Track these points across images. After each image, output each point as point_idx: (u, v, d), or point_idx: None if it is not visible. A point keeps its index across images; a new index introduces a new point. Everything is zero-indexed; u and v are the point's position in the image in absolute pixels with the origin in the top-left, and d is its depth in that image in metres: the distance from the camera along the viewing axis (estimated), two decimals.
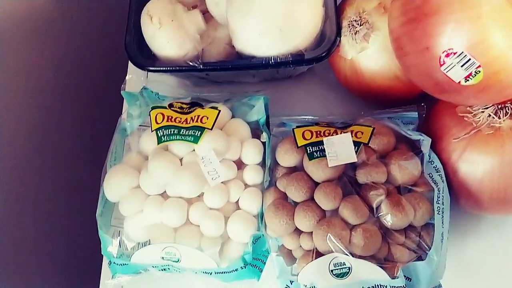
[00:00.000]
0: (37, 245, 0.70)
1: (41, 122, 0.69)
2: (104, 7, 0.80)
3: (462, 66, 0.40)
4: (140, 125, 0.57)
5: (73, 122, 0.75)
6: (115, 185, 0.53)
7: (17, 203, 0.65)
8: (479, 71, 0.40)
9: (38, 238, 0.69)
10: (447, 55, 0.40)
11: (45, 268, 0.72)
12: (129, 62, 0.63)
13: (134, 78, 0.60)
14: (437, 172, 0.49)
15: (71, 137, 0.75)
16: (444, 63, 0.40)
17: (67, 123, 0.74)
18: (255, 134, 0.55)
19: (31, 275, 0.69)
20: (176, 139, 0.51)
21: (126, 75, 0.63)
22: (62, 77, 0.73)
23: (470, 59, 0.39)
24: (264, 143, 0.54)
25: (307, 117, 0.54)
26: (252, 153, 0.53)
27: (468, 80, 0.41)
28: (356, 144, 0.49)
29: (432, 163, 0.49)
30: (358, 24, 0.52)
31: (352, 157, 0.48)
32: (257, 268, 0.52)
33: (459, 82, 0.41)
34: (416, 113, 0.52)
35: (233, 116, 0.56)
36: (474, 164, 0.47)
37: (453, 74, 0.41)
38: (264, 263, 0.52)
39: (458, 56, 0.40)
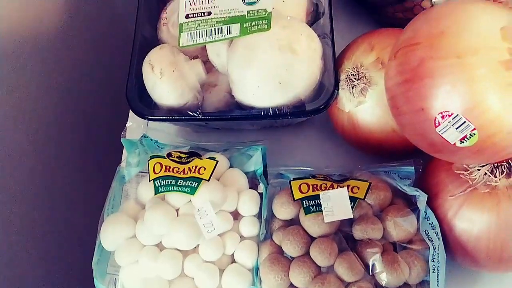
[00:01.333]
0: None
1: (40, 166, 0.70)
2: (107, 53, 0.82)
3: (457, 128, 0.40)
4: (139, 172, 0.57)
5: (73, 167, 0.75)
6: (111, 234, 0.53)
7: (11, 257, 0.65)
8: (474, 134, 0.40)
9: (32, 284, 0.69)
10: (442, 117, 0.40)
11: None
12: (130, 112, 0.64)
13: (135, 125, 0.60)
14: (433, 229, 0.48)
15: (71, 183, 0.75)
16: (439, 125, 0.41)
17: (66, 169, 0.74)
18: (253, 183, 0.55)
19: None
20: (173, 190, 0.51)
21: (127, 122, 0.63)
22: (63, 122, 0.74)
23: (465, 121, 0.40)
24: (261, 194, 0.54)
25: (305, 168, 0.54)
26: (249, 204, 0.53)
27: (463, 142, 0.41)
28: (352, 199, 0.49)
29: (428, 219, 0.49)
30: (355, 78, 0.53)
31: (348, 213, 0.48)
32: None
33: (454, 143, 0.41)
34: (413, 167, 0.52)
35: (231, 166, 0.56)
36: (470, 222, 0.47)
37: (448, 136, 0.41)
38: None
39: (453, 119, 0.40)
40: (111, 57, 0.78)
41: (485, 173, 0.47)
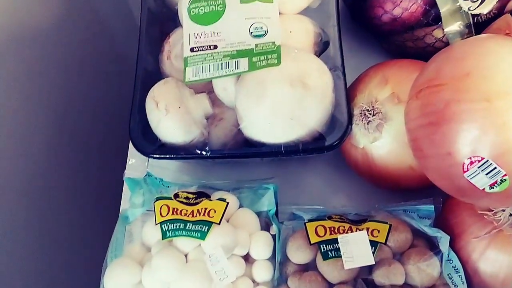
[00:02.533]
0: None
1: (39, 208, 0.67)
2: (108, 85, 0.79)
3: (487, 174, 0.38)
4: (145, 211, 0.55)
5: (73, 206, 0.73)
6: (116, 281, 0.50)
7: None
8: (505, 180, 0.38)
9: None
10: (471, 163, 0.38)
11: None
12: (130, 147, 0.62)
13: (136, 162, 0.58)
14: (457, 272, 0.46)
15: (72, 226, 0.72)
16: (467, 170, 0.39)
17: (66, 209, 0.72)
18: (264, 223, 0.53)
19: None
20: (181, 235, 0.49)
21: (126, 158, 0.61)
22: (62, 157, 0.71)
23: (495, 167, 0.38)
24: (274, 236, 0.51)
25: (318, 207, 0.52)
26: (261, 247, 0.50)
27: (493, 188, 0.39)
28: (373, 243, 0.46)
29: (451, 261, 0.47)
30: (370, 114, 0.51)
31: (369, 259, 0.45)
32: None
33: (483, 189, 0.39)
34: (433, 206, 0.50)
35: (240, 205, 0.54)
36: (496, 264, 0.45)
37: (477, 181, 0.39)
38: None
39: (483, 164, 0.38)
40: (112, 90, 0.76)
41: (510, 214, 0.45)
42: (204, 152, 0.53)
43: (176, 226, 0.50)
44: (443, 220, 0.50)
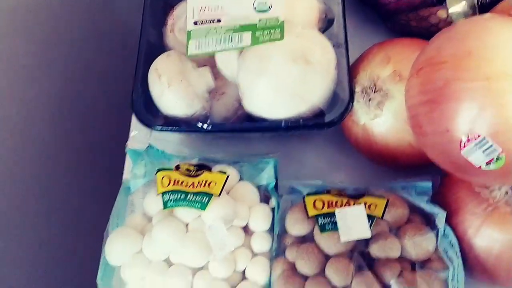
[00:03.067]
0: None
1: (41, 178, 0.68)
2: (112, 57, 0.79)
3: (483, 151, 0.39)
4: (145, 184, 0.56)
5: (74, 177, 0.73)
6: (117, 249, 0.51)
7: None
8: (501, 157, 0.39)
9: None
10: (468, 140, 0.39)
11: None
12: (132, 119, 0.62)
13: (138, 134, 0.59)
14: (452, 247, 0.47)
15: (74, 195, 0.73)
16: (464, 147, 0.39)
17: (67, 181, 0.72)
18: (263, 196, 0.54)
19: None
20: (182, 205, 0.50)
21: (129, 131, 0.61)
22: (63, 131, 0.72)
23: (492, 145, 0.38)
24: (273, 209, 0.52)
25: (317, 183, 0.53)
26: (260, 219, 0.51)
27: (489, 165, 0.39)
28: (370, 217, 0.47)
29: (447, 237, 0.48)
30: (372, 91, 0.51)
31: (366, 233, 0.46)
32: None
33: (480, 166, 0.40)
34: (430, 183, 0.50)
35: (241, 178, 0.54)
36: (491, 240, 0.46)
37: (473, 159, 0.39)
38: None
39: (479, 141, 0.38)
40: (115, 62, 0.76)
41: (506, 192, 0.46)
42: (205, 126, 0.53)
43: (177, 196, 0.50)
44: (440, 197, 0.50)
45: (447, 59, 0.40)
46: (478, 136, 0.38)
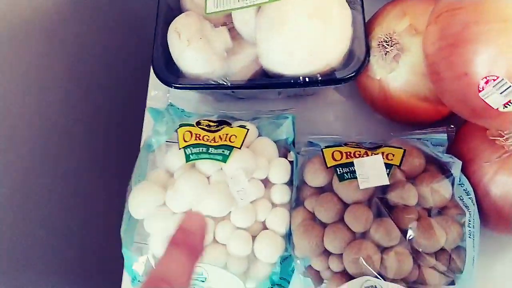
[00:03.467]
0: (53, 258, 0.70)
1: (60, 138, 0.69)
2: (126, 22, 0.80)
3: (501, 93, 0.40)
4: (166, 141, 0.57)
5: (93, 136, 0.75)
6: (140, 202, 0.53)
7: (32, 215, 0.65)
8: None
9: (53, 251, 0.69)
10: (486, 82, 0.40)
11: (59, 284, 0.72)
12: (150, 79, 0.64)
13: (157, 94, 0.60)
14: (468, 195, 0.48)
15: (95, 152, 0.74)
16: (482, 90, 0.40)
17: (89, 140, 0.74)
18: (282, 152, 0.55)
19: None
20: (204, 158, 0.51)
21: (145, 93, 0.63)
22: (80, 92, 0.73)
23: (510, 86, 0.39)
24: (291, 162, 0.53)
25: (335, 136, 0.54)
26: (279, 172, 0.53)
27: (506, 107, 0.40)
28: (387, 166, 0.48)
29: (463, 185, 0.49)
30: (388, 45, 0.52)
31: (384, 180, 0.47)
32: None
33: (497, 108, 0.41)
34: (446, 134, 0.51)
35: (259, 134, 0.56)
36: (506, 187, 0.47)
37: (491, 101, 0.40)
38: (289, 283, 0.52)
39: (498, 83, 0.39)
40: (134, 24, 0.77)
41: None
42: (225, 82, 0.55)
43: (199, 150, 0.52)
44: (456, 148, 0.51)
45: (465, 4, 0.41)
46: (496, 77, 0.39)
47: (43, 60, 0.67)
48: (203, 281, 0.50)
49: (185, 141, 0.53)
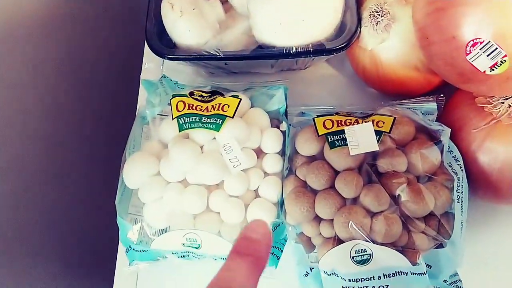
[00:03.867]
0: (48, 232, 0.71)
1: (57, 109, 0.70)
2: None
3: (488, 55, 0.40)
4: (159, 114, 0.58)
5: (87, 108, 0.75)
6: (135, 172, 0.53)
7: (28, 189, 0.65)
8: (505, 61, 0.40)
9: (48, 224, 0.70)
10: (474, 45, 0.40)
11: (56, 255, 0.72)
12: (144, 51, 0.64)
13: (151, 66, 0.60)
14: (456, 161, 0.49)
15: (88, 124, 0.75)
16: (470, 52, 0.41)
17: (83, 112, 0.74)
18: (274, 123, 0.56)
19: (39, 259, 0.69)
20: (197, 127, 0.52)
21: (140, 65, 0.63)
22: (74, 65, 0.73)
23: (496, 48, 0.40)
24: (283, 132, 0.54)
25: (326, 107, 0.55)
26: (271, 142, 0.53)
27: (493, 70, 0.41)
28: (378, 133, 0.49)
29: (451, 153, 0.50)
30: (379, 15, 0.52)
31: (374, 146, 0.48)
32: (275, 256, 0.52)
33: (484, 71, 0.41)
34: (435, 104, 0.52)
35: (252, 106, 0.56)
36: (494, 154, 0.48)
37: (478, 64, 0.41)
38: (282, 251, 0.52)
39: (484, 46, 0.40)
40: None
41: (509, 105, 0.47)
42: (217, 53, 0.55)
43: (192, 119, 0.52)
44: (446, 117, 0.52)
45: None
46: (483, 40, 0.40)
47: (42, 32, 0.67)
48: (196, 248, 0.51)
49: (178, 111, 0.53)
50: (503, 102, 0.47)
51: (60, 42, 0.70)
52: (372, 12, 0.53)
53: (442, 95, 0.52)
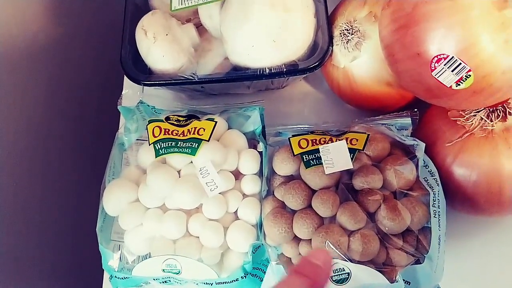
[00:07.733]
0: (37, 260, 0.70)
1: (38, 137, 0.70)
2: (100, 23, 0.81)
3: (452, 70, 0.41)
4: (137, 139, 0.58)
5: (70, 136, 0.75)
6: (114, 200, 0.53)
7: (16, 214, 0.65)
8: (470, 75, 0.41)
9: (38, 251, 0.69)
10: (438, 61, 0.41)
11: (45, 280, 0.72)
12: (124, 77, 0.64)
13: (130, 92, 0.61)
14: (432, 176, 0.49)
15: (69, 152, 0.75)
16: (435, 68, 0.41)
17: (64, 138, 0.74)
18: (252, 144, 0.56)
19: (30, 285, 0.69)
20: (173, 152, 0.52)
21: (122, 90, 0.63)
22: (58, 94, 0.74)
23: (460, 63, 0.40)
24: (260, 153, 0.54)
25: (302, 126, 0.55)
26: (249, 163, 0.53)
27: (459, 85, 0.41)
28: (352, 151, 0.49)
29: (427, 167, 0.50)
30: (349, 33, 0.53)
31: (348, 164, 0.48)
32: (257, 277, 0.52)
33: (450, 86, 0.42)
34: (409, 118, 0.52)
35: (229, 127, 0.56)
36: (469, 167, 0.48)
37: (444, 79, 0.41)
38: (264, 272, 0.52)
39: (448, 61, 0.40)
40: (106, 26, 0.78)
41: (481, 118, 0.47)
42: (192, 77, 0.55)
43: (168, 144, 0.52)
44: (421, 132, 0.52)
45: None
46: (447, 56, 0.40)
47: (26, 63, 0.67)
48: (177, 273, 0.50)
49: (155, 136, 0.54)
50: (475, 115, 0.48)
51: (41, 70, 0.70)
52: (343, 30, 0.53)
53: (416, 109, 0.52)
